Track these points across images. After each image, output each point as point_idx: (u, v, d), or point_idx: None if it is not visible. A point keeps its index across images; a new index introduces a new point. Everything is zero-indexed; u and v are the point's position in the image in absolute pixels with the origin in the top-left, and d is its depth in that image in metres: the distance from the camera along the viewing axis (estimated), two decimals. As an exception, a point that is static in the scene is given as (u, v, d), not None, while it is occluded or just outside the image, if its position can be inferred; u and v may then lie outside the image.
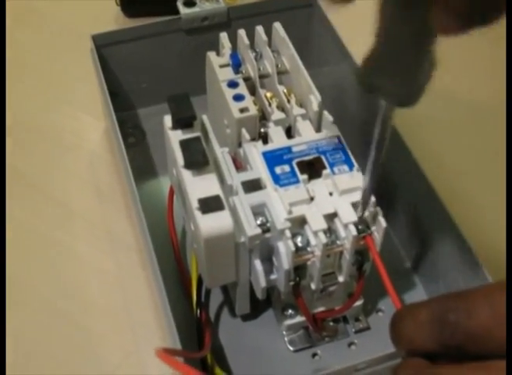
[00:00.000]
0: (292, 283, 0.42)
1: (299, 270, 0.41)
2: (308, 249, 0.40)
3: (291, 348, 0.47)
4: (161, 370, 0.40)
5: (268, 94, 0.48)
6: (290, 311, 0.46)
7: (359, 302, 0.46)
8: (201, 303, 0.45)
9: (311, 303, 0.45)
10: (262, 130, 0.46)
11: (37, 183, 0.56)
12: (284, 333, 0.47)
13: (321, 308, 0.46)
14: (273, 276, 0.42)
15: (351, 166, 0.41)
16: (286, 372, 0.46)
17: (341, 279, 0.43)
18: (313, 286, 0.42)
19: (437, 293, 0.48)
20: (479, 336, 0.30)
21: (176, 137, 0.42)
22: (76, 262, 0.52)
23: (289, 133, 0.46)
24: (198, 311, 0.44)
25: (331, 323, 0.47)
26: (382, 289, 0.40)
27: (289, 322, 0.46)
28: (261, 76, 0.48)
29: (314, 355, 0.47)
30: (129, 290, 0.50)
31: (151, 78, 0.58)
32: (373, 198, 0.40)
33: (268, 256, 0.42)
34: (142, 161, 0.58)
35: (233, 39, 0.50)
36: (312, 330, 0.46)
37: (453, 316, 0.31)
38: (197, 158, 0.40)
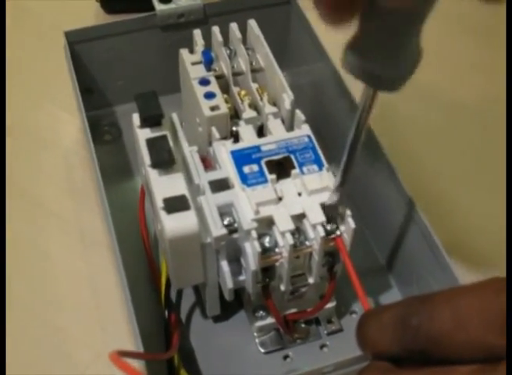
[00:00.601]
0: (260, 284, 0.41)
1: (268, 271, 0.41)
2: (276, 250, 0.39)
3: (262, 350, 0.46)
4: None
5: (243, 92, 0.47)
6: (261, 312, 0.45)
7: (331, 304, 0.46)
8: (171, 304, 0.45)
9: (281, 304, 0.44)
10: (234, 128, 0.45)
11: (12, 180, 0.55)
12: (255, 334, 0.46)
13: (293, 310, 0.45)
14: (241, 278, 0.41)
15: (321, 166, 0.41)
16: (256, 374, 0.45)
17: (311, 280, 0.42)
18: (282, 287, 0.42)
19: (412, 295, 0.47)
20: (441, 340, 0.29)
21: (144, 135, 0.41)
22: (47, 260, 0.51)
23: (262, 132, 0.45)
24: (167, 311, 0.44)
25: (303, 325, 0.47)
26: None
27: (259, 323, 0.45)
28: (235, 74, 0.48)
29: (286, 357, 0.46)
30: (100, 289, 0.50)
31: (127, 75, 0.57)
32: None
33: (237, 257, 0.41)
34: (118, 159, 0.57)
35: (210, 36, 0.49)
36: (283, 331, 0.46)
37: (415, 319, 0.30)
38: (163, 157, 0.39)
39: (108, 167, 0.56)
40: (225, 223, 0.39)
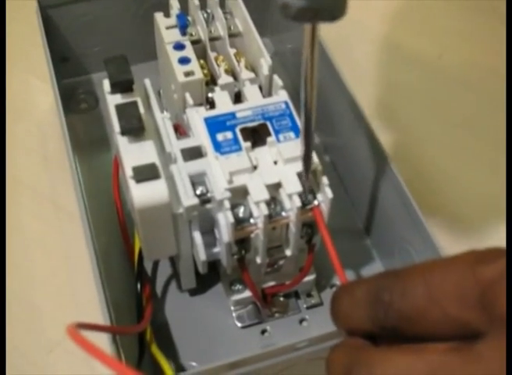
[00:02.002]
0: (236, 256, 0.40)
1: (243, 243, 0.39)
2: (251, 221, 0.38)
3: (239, 325, 0.45)
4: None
5: (220, 58, 0.45)
6: (238, 286, 0.44)
7: (310, 277, 0.44)
8: (144, 276, 0.43)
9: (259, 277, 0.43)
10: (210, 95, 0.43)
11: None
12: (232, 308, 0.45)
13: (271, 283, 0.44)
14: (216, 250, 0.40)
15: (298, 133, 0.39)
16: (233, 349, 0.44)
17: (288, 253, 0.41)
18: (258, 260, 0.40)
19: (393, 267, 0.46)
20: (413, 317, 0.27)
21: (114, 101, 0.40)
22: (19, 232, 0.50)
23: (240, 98, 0.43)
24: (139, 284, 0.42)
25: (281, 299, 0.45)
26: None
27: (236, 297, 0.44)
28: (212, 39, 0.46)
29: (264, 331, 0.45)
30: (74, 262, 0.48)
31: (104, 41, 0.56)
32: (320, 167, 0.38)
33: (211, 228, 0.40)
34: (94, 128, 0.55)
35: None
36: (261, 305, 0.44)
37: (388, 295, 0.28)
38: (132, 124, 0.37)
39: (83, 136, 0.55)
40: (198, 192, 0.38)
